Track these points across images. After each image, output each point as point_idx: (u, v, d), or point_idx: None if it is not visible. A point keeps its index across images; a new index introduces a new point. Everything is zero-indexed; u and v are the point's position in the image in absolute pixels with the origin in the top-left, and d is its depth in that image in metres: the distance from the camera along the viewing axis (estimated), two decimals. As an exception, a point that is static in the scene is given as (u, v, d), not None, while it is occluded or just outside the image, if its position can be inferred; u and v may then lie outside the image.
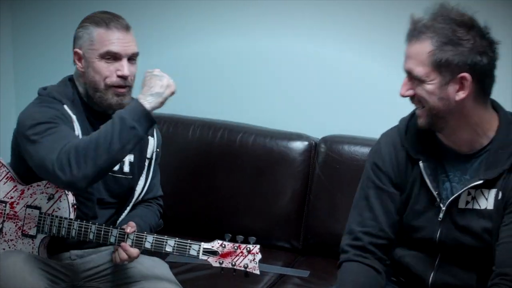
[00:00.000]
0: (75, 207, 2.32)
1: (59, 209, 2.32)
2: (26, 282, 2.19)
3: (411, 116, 2.12)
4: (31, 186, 2.35)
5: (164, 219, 2.94)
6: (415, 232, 2.09)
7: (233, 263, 2.22)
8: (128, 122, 2.14)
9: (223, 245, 2.23)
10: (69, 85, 2.40)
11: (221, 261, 2.22)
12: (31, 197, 2.34)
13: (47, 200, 2.33)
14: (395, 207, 2.11)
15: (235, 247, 2.22)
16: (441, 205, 2.04)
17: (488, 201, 2.01)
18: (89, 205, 2.37)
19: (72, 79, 2.42)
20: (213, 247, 2.23)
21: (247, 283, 2.75)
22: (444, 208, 2.04)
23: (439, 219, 2.05)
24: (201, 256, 2.23)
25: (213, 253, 2.23)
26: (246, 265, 2.22)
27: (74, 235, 2.30)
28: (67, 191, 2.31)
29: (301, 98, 3.18)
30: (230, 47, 3.26)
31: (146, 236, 2.28)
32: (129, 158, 2.45)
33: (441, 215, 2.04)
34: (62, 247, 2.40)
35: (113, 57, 2.30)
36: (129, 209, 2.46)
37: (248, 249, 2.22)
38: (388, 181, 2.11)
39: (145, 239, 2.27)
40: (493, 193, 2.01)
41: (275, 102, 3.23)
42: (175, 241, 2.25)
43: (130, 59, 2.33)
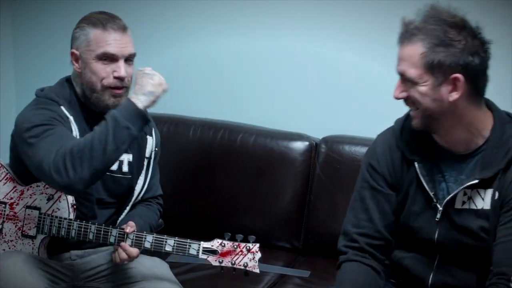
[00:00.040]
0: (74, 207, 2.32)
1: (59, 210, 2.32)
2: (26, 282, 2.19)
3: (406, 116, 2.11)
4: (31, 186, 2.35)
5: (164, 219, 2.94)
6: (413, 233, 2.09)
7: (233, 262, 2.22)
8: (121, 122, 2.14)
9: (223, 244, 2.23)
10: (66, 85, 2.40)
11: (220, 260, 2.22)
12: (30, 198, 2.34)
13: (46, 200, 2.33)
14: (391, 208, 2.11)
15: (235, 246, 2.22)
16: (438, 206, 2.04)
17: (484, 201, 2.01)
18: (88, 206, 2.37)
19: (69, 80, 2.42)
20: (212, 246, 2.23)
21: (248, 283, 2.75)
22: (441, 208, 2.04)
23: (437, 220, 2.05)
24: (200, 255, 2.23)
25: (213, 252, 2.23)
26: (245, 264, 2.22)
27: (73, 235, 2.30)
28: (66, 194, 2.31)
29: (301, 98, 3.18)
30: (230, 47, 3.26)
31: (145, 235, 2.27)
32: (128, 157, 2.45)
33: (439, 216, 2.04)
34: (62, 248, 2.40)
35: (110, 58, 2.30)
36: (128, 208, 2.46)
37: (247, 247, 2.22)
38: (383, 182, 2.11)
39: (145, 238, 2.27)
40: (489, 193, 2.01)
41: (275, 102, 3.23)
42: (174, 240, 2.25)
43: (127, 60, 2.33)
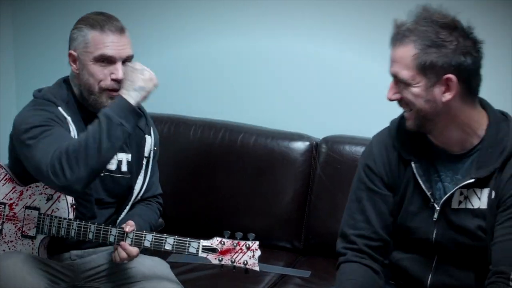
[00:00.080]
0: (74, 207, 2.33)
1: (58, 210, 2.32)
2: (26, 282, 2.19)
3: (401, 117, 2.11)
4: (30, 187, 2.35)
5: (165, 219, 2.94)
6: (411, 233, 2.09)
7: (233, 260, 2.22)
8: (114, 119, 2.14)
9: (222, 242, 2.22)
10: (63, 86, 2.40)
11: (220, 258, 2.22)
12: (30, 198, 2.34)
13: (46, 200, 2.33)
14: (388, 208, 2.11)
15: (234, 244, 2.22)
16: (435, 205, 2.04)
17: (481, 201, 2.01)
18: (87, 206, 2.37)
19: (67, 80, 2.42)
20: (212, 244, 2.23)
21: (248, 283, 2.76)
22: (438, 208, 2.04)
23: (434, 219, 2.05)
24: (200, 253, 2.23)
25: (212, 250, 2.22)
26: (245, 262, 2.22)
27: (73, 235, 2.30)
28: (65, 195, 2.31)
29: (302, 98, 3.18)
30: (230, 47, 3.26)
31: (145, 234, 2.27)
32: (126, 157, 2.45)
33: (436, 215, 2.04)
34: (62, 248, 2.40)
35: (107, 60, 2.29)
36: (128, 208, 2.46)
37: (247, 245, 2.22)
38: (380, 183, 2.11)
39: (144, 237, 2.27)
40: (485, 192, 2.01)
41: (275, 102, 3.22)
42: (174, 239, 2.25)
43: (124, 61, 2.31)
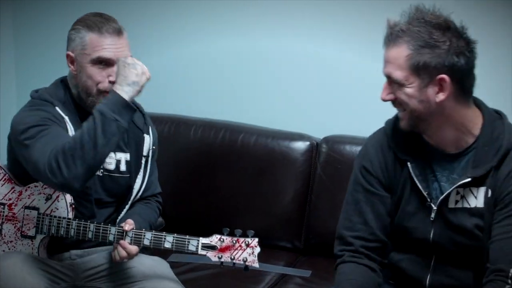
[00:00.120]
0: (73, 206, 2.33)
1: (57, 209, 2.32)
2: (26, 282, 2.19)
3: (397, 117, 2.11)
4: (29, 187, 2.35)
5: (165, 219, 2.94)
6: (409, 233, 2.09)
7: (232, 257, 2.22)
8: (109, 115, 2.14)
9: (222, 240, 2.22)
10: (61, 86, 2.40)
11: (220, 256, 2.22)
12: (29, 198, 2.35)
13: (45, 200, 2.33)
14: (385, 209, 2.11)
15: (234, 241, 2.22)
16: (432, 205, 2.04)
17: (477, 199, 2.01)
18: (86, 205, 2.38)
19: (64, 80, 2.42)
20: (211, 241, 2.23)
21: (249, 283, 2.75)
22: (435, 207, 2.04)
23: (431, 219, 2.05)
24: (200, 251, 2.23)
25: (212, 248, 2.22)
26: (245, 259, 2.21)
27: (73, 234, 2.30)
28: (65, 193, 2.31)
29: (302, 98, 3.18)
30: (230, 47, 3.25)
31: (144, 233, 2.27)
32: (125, 156, 2.45)
33: (433, 215, 2.04)
34: (61, 247, 2.40)
35: (105, 62, 2.29)
36: (127, 207, 2.46)
37: (246, 242, 2.22)
38: (378, 184, 2.11)
39: (144, 236, 2.27)
40: (482, 191, 2.01)
41: (275, 102, 3.22)
42: (173, 237, 2.25)
43: None
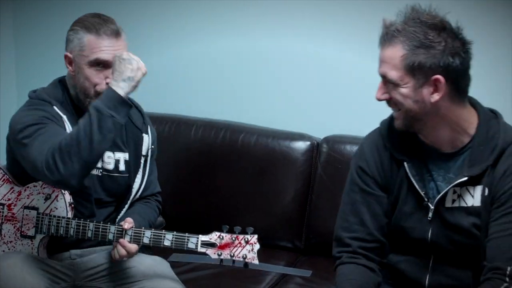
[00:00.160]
0: (72, 206, 2.33)
1: (57, 209, 2.32)
2: (26, 282, 2.20)
3: (392, 117, 2.12)
4: (28, 187, 2.35)
5: (165, 219, 2.94)
6: (406, 233, 2.09)
7: (232, 254, 2.21)
8: (105, 112, 2.14)
9: (221, 237, 2.22)
10: (59, 86, 2.41)
11: (219, 253, 2.22)
12: (28, 198, 2.35)
13: (44, 200, 2.33)
14: (382, 209, 2.11)
15: (233, 238, 2.22)
16: (430, 205, 2.04)
17: (474, 198, 2.02)
18: (86, 205, 2.38)
19: (62, 80, 2.43)
20: (211, 239, 2.23)
21: (250, 282, 2.76)
22: (432, 207, 2.04)
23: (429, 219, 2.05)
24: (199, 248, 2.23)
25: (211, 245, 2.22)
26: (244, 256, 2.21)
27: (72, 233, 2.30)
28: (64, 190, 2.31)
29: (301, 98, 3.18)
30: (230, 47, 3.25)
31: (144, 231, 2.28)
32: (124, 156, 2.45)
33: (431, 215, 2.05)
34: (61, 247, 2.40)
35: (102, 64, 2.29)
36: (127, 207, 2.46)
37: (246, 239, 2.21)
38: (374, 184, 2.12)
39: (143, 234, 2.27)
40: (478, 189, 2.01)
41: (275, 102, 3.22)
42: (173, 235, 2.25)
43: None
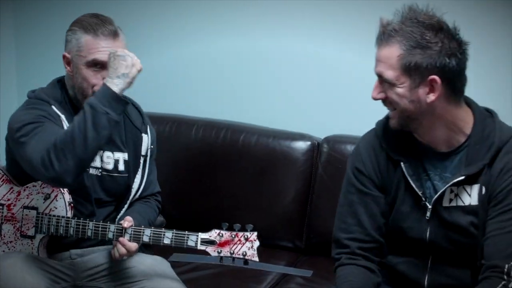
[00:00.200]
0: (72, 205, 2.33)
1: (56, 208, 2.33)
2: (26, 282, 2.20)
3: (387, 117, 2.12)
4: (27, 187, 2.36)
5: (166, 219, 2.94)
6: (404, 233, 2.09)
7: (232, 252, 2.21)
8: (99, 108, 2.14)
9: (221, 234, 2.22)
10: (57, 86, 2.41)
11: (219, 250, 2.22)
12: (27, 198, 2.35)
13: (43, 200, 2.33)
14: (380, 210, 2.11)
15: (233, 236, 2.21)
16: (427, 204, 2.04)
17: (471, 197, 2.02)
18: (86, 205, 2.38)
19: (61, 80, 2.43)
20: (210, 236, 2.23)
21: (250, 282, 2.76)
22: (430, 206, 2.04)
23: (427, 218, 2.05)
24: (199, 246, 2.23)
25: (211, 242, 2.22)
26: (244, 253, 2.21)
27: (72, 233, 2.31)
28: (63, 189, 2.32)
29: (302, 98, 3.18)
30: (230, 47, 3.26)
31: (143, 229, 2.28)
32: (123, 156, 2.45)
33: (428, 214, 2.04)
34: (61, 247, 2.41)
35: (100, 65, 2.29)
36: (126, 207, 2.46)
37: (245, 236, 2.21)
38: (371, 185, 2.12)
39: (143, 232, 2.27)
40: (475, 188, 2.01)
41: (275, 102, 3.22)
42: (172, 233, 2.25)
43: None
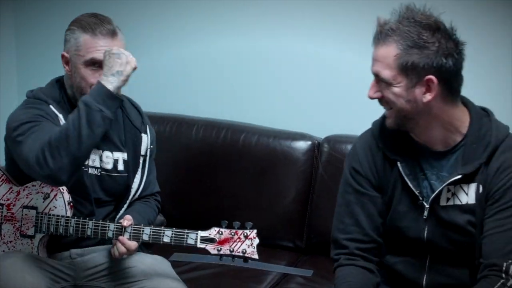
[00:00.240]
0: (71, 205, 2.34)
1: (56, 208, 2.33)
2: (26, 282, 2.20)
3: (384, 117, 2.12)
4: (26, 187, 2.36)
5: (166, 219, 2.95)
6: (402, 233, 2.09)
7: (231, 250, 2.21)
8: (93, 106, 2.15)
9: (220, 232, 2.22)
10: (56, 86, 2.42)
11: (219, 248, 2.22)
12: (27, 198, 2.36)
13: (43, 199, 2.34)
14: (377, 210, 2.11)
15: (232, 233, 2.21)
16: (425, 204, 2.04)
17: (468, 196, 2.02)
18: (86, 205, 2.39)
19: (60, 80, 2.43)
20: (210, 234, 2.23)
21: (251, 282, 2.76)
22: (427, 206, 2.04)
23: (424, 218, 2.05)
24: (199, 244, 2.23)
25: (211, 240, 2.22)
26: (244, 251, 2.21)
27: (72, 232, 2.31)
28: (62, 189, 2.32)
29: (301, 98, 3.18)
30: (230, 47, 3.26)
31: (143, 228, 2.28)
32: (123, 156, 2.46)
33: (426, 213, 2.04)
34: (61, 247, 2.41)
35: (98, 64, 2.29)
36: (126, 206, 2.46)
37: (245, 234, 2.21)
38: (368, 184, 2.12)
39: (143, 231, 2.28)
40: (473, 187, 2.01)
41: (275, 102, 3.22)
42: (172, 231, 2.25)
43: None
